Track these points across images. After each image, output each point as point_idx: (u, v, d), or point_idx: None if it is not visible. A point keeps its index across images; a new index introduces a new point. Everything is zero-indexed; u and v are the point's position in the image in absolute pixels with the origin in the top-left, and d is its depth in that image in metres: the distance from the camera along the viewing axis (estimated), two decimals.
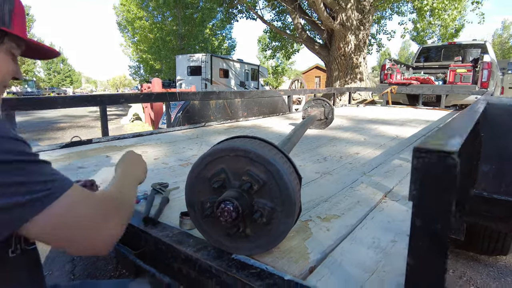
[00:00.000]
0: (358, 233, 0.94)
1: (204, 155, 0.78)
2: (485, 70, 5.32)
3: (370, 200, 1.18)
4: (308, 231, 0.94)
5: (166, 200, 1.14)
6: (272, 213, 0.74)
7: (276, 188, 0.73)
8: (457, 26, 15.13)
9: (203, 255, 0.80)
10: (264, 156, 0.73)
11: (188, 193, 0.81)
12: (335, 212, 1.07)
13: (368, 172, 1.54)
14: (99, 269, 1.63)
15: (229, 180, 0.77)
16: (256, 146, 0.76)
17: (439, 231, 0.47)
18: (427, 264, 0.49)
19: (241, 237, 0.78)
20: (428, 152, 0.46)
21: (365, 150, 2.05)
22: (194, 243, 0.86)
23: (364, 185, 1.35)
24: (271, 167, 0.73)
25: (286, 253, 0.82)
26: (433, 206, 0.47)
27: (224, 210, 0.71)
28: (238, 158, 0.76)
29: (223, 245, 0.81)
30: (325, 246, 0.86)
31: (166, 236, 0.90)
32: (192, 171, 0.80)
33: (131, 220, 1.01)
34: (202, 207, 0.80)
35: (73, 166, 1.65)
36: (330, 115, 2.77)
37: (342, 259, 0.81)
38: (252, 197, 0.75)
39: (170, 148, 2.08)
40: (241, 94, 3.33)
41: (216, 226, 0.80)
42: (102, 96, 2.20)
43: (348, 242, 0.89)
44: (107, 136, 2.27)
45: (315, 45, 10.02)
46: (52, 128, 7.42)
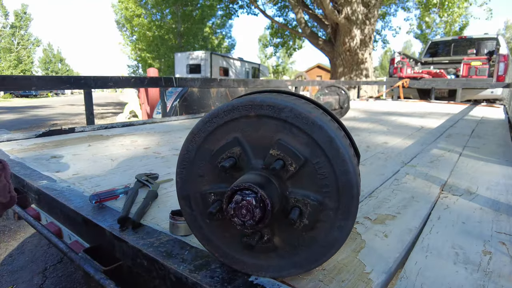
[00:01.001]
0: (430, 240, 0.65)
1: (207, 116, 0.49)
2: (501, 63, 5.02)
3: (426, 195, 0.89)
4: (358, 239, 0.64)
5: (154, 195, 0.84)
6: (319, 211, 0.45)
7: (328, 169, 0.44)
8: (463, 23, 14.83)
9: (204, 277, 0.51)
10: (308, 115, 0.44)
11: (180, 179, 0.52)
12: (387, 211, 0.78)
13: (408, 163, 1.25)
14: (75, 282, 1.33)
15: (247, 157, 0.47)
16: (291, 101, 0.46)
17: None
18: None
19: (266, 250, 0.49)
20: None
21: (393, 139, 1.75)
22: (191, 257, 0.57)
23: (410, 177, 1.06)
24: (319, 133, 0.44)
25: (333, 273, 0.53)
26: None
27: (240, 205, 0.42)
28: (262, 120, 0.46)
29: (236, 262, 0.51)
30: (389, 261, 0.56)
31: (150, 245, 0.61)
32: (187, 144, 0.51)
33: (101, 222, 0.73)
34: (204, 200, 0.50)
35: (46, 155, 1.35)
36: (345, 104, 2.48)
37: (422, 282, 0.51)
38: (286, 184, 0.46)
39: (164, 138, 1.78)
40: (245, 82, 3.03)
41: (225, 231, 0.51)
42: (86, 78, 1.90)
43: (421, 255, 0.60)
44: (93, 125, 1.98)
45: (318, 40, 9.73)
46: (45, 126, 7.12)
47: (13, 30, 29.26)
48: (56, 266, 1.46)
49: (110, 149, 1.47)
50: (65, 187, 0.94)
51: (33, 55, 31.67)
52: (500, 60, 5.05)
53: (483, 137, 1.90)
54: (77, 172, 1.11)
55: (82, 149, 1.48)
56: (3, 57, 28.83)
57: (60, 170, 1.14)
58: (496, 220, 0.75)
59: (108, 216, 0.74)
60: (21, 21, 29.67)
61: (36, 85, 1.71)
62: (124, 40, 22.80)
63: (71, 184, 0.98)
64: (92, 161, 1.27)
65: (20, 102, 13.94)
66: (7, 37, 29.03)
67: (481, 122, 2.63)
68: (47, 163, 1.24)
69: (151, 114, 5.38)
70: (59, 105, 13.36)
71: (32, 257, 1.51)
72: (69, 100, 15.67)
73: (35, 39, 31.25)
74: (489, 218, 0.76)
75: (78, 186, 0.96)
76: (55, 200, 0.86)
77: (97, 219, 0.73)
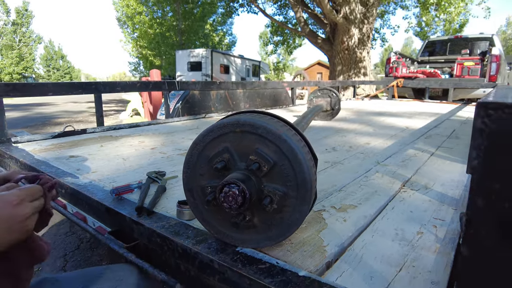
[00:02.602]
0: (379, 224, 0.84)
1: (205, 131, 0.67)
2: (493, 63, 5.18)
3: (388, 190, 1.07)
4: (322, 222, 0.83)
5: (163, 189, 1.03)
6: (284, 199, 0.63)
7: (290, 169, 0.62)
8: (462, 21, 14.91)
9: (203, 248, 0.69)
10: (276, 131, 0.62)
11: (186, 177, 0.70)
12: (351, 202, 0.96)
13: (382, 162, 1.43)
14: (93, 264, 1.52)
15: (234, 161, 0.66)
16: (265, 121, 0.65)
17: (509, 212, 0.36)
18: (490, 256, 0.38)
19: (248, 227, 0.68)
20: (499, 107, 0.35)
21: (375, 140, 1.93)
22: (194, 234, 0.76)
23: (379, 175, 1.24)
24: (284, 144, 0.62)
25: (299, 246, 0.71)
26: (502, 179, 0.36)
27: (228, 195, 0.60)
28: (245, 134, 0.65)
29: (227, 237, 0.70)
30: (343, 238, 0.75)
31: (162, 227, 0.79)
32: (190, 151, 0.69)
33: (121, 210, 0.91)
34: (203, 192, 0.69)
35: (64, 155, 1.54)
36: (336, 106, 2.65)
37: (363, 252, 0.70)
38: (261, 180, 0.64)
39: (169, 138, 1.97)
40: (243, 85, 3.21)
41: (219, 214, 0.69)
42: (97, 84, 2.09)
43: (369, 234, 0.78)
44: (102, 126, 2.16)
45: (317, 39, 9.87)
46: (50, 123, 7.31)
47: (14, 27, 29.38)
48: (75, 252, 1.66)
49: (120, 149, 1.66)
50: (87, 183, 1.13)
51: (35, 52, 31.80)
52: (492, 60, 5.20)
53: (460, 138, 2.07)
54: (95, 170, 1.30)
55: (96, 149, 1.67)
56: (5, 55, 28.98)
57: (80, 169, 1.33)
58: (438, 209, 0.93)
59: (126, 206, 0.93)
60: (23, 18, 29.78)
61: (52, 91, 1.89)
62: (125, 37, 22.90)
63: (92, 180, 1.17)
64: (106, 160, 1.46)
65: (23, 100, 14.15)
66: (8, 34, 29.16)
67: (465, 123, 2.80)
68: (67, 162, 1.43)
69: (154, 113, 5.56)
70: (62, 102, 13.55)
71: (53, 244, 1.71)
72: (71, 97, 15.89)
73: (37, 36, 31.36)
74: (432, 208, 0.94)
75: (98, 182, 1.15)
76: (81, 194, 1.04)
77: (118, 208, 0.92)
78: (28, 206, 0.49)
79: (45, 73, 36.09)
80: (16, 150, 1.61)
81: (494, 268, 0.38)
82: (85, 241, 1.80)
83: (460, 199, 1.01)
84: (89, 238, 1.89)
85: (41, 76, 35.34)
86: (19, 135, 1.86)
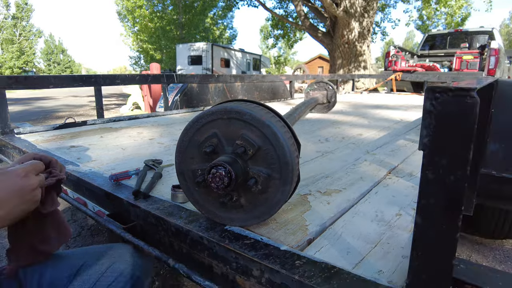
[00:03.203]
0: (361, 207, 0.89)
1: (195, 118, 0.72)
2: (492, 57, 5.18)
3: (373, 176, 1.12)
4: (307, 205, 0.88)
5: (159, 175, 1.08)
6: (268, 181, 0.68)
7: (273, 153, 0.67)
8: (463, 14, 14.80)
9: (194, 226, 0.75)
10: (260, 118, 0.67)
11: (178, 161, 0.76)
12: (337, 187, 1.02)
13: (372, 151, 1.48)
14: None
15: (221, 145, 0.71)
16: (251, 108, 0.69)
17: (454, 184, 0.41)
18: (438, 223, 0.44)
19: (235, 207, 0.73)
20: (444, 91, 0.39)
21: (368, 131, 1.98)
22: (186, 215, 0.81)
23: (367, 163, 1.29)
24: (267, 130, 0.67)
25: (283, 225, 0.77)
26: (448, 154, 0.41)
27: (215, 176, 0.65)
28: (231, 121, 0.70)
29: (216, 216, 0.75)
30: (325, 218, 0.80)
31: (157, 209, 0.85)
32: (182, 136, 0.74)
33: (119, 194, 0.97)
34: (193, 174, 0.74)
35: (65, 145, 1.60)
36: (333, 99, 2.69)
37: (343, 231, 0.75)
38: (247, 163, 0.69)
39: (167, 130, 2.02)
40: (241, 78, 3.25)
41: (208, 195, 0.74)
42: (96, 77, 2.13)
43: (350, 215, 0.84)
44: (102, 118, 2.22)
45: (318, 32, 9.85)
46: (51, 117, 7.37)
47: (14, 21, 29.30)
48: (76, 239, 1.73)
49: (120, 140, 1.71)
50: (87, 170, 1.19)
51: (35, 47, 31.74)
52: (491, 54, 5.21)
53: None
54: (95, 159, 1.36)
55: (96, 140, 1.72)
56: (5, 49, 28.95)
57: (80, 157, 1.38)
58: None
59: (124, 190, 0.98)
60: (23, 12, 29.68)
61: (53, 84, 1.94)
62: (125, 31, 22.82)
63: (91, 168, 1.23)
64: (106, 150, 1.51)
65: (24, 93, 14.20)
66: (8, 28, 29.10)
67: None
68: (68, 151, 1.49)
69: (154, 106, 5.61)
70: (63, 96, 13.59)
71: None
72: (71, 90, 15.90)
73: (37, 30, 31.28)
74: (414, 193, 0.99)
75: (98, 169, 1.21)
76: (82, 180, 1.10)
77: (116, 192, 0.97)
78: (33, 178, 0.57)
79: (46, 67, 36.06)
80: (19, 141, 1.67)
81: (439, 234, 0.43)
82: (86, 228, 1.87)
83: None
84: (90, 226, 1.95)
85: (41, 70, 35.32)
86: (21, 127, 1.92)
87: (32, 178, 0.56)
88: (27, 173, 0.56)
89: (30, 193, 0.55)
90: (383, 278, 0.58)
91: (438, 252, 0.44)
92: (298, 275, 0.57)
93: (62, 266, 0.75)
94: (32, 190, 0.56)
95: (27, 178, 0.55)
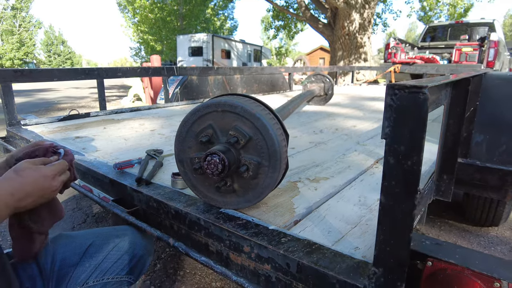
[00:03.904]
0: (346, 192, 0.96)
1: (192, 111, 0.79)
2: (491, 49, 5.19)
3: (361, 166, 1.20)
4: (296, 190, 0.96)
5: (160, 164, 1.16)
6: (258, 168, 0.76)
7: (263, 142, 0.74)
8: (466, 5, 14.64)
9: (192, 209, 0.83)
10: (251, 111, 0.74)
11: (177, 149, 0.83)
12: (325, 175, 1.09)
13: (362, 142, 1.55)
14: None
15: (216, 136, 0.78)
16: (243, 102, 0.76)
17: (410, 168, 0.49)
18: (397, 201, 0.51)
19: (229, 191, 0.80)
20: (402, 88, 0.46)
21: (362, 123, 2.04)
22: (185, 200, 0.89)
23: (357, 153, 1.36)
24: (258, 121, 0.74)
25: (272, 208, 0.84)
26: (405, 142, 0.48)
27: (210, 163, 0.72)
28: (225, 113, 0.77)
29: (212, 200, 0.83)
30: (311, 202, 0.88)
31: (158, 194, 0.93)
32: (180, 128, 0.81)
33: (123, 181, 1.04)
34: (191, 162, 0.81)
35: (70, 136, 1.67)
36: (330, 91, 2.75)
37: (327, 214, 0.83)
38: (239, 152, 0.77)
39: (167, 121, 2.09)
40: (240, 70, 3.30)
41: (205, 181, 0.82)
42: (99, 69, 2.19)
43: (335, 200, 0.91)
44: (105, 110, 2.28)
45: (318, 24, 9.80)
46: (53, 109, 7.44)
47: (14, 12, 29.09)
48: (81, 225, 1.82)
49: (122, 131, 1.79)
50: (93, 160, 1.26)
51: (35, 38, 31.58)
52: (490, 46, 5.21)
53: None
54: (99, 149, 1.43)
55: (99, 131, 1.79)
56: (5, 40, 28.83)
57: (85, 148, 1.46)
58: None
59: (128, 177, 1.06)
60: (22, 3, 29.43)
61: (57, 76, 2.00)
62: (126, 22, 22.65)
63: (96, 157, 1.30)
64: (109, 140, 1.59)
65: (26, 85, 14.23)
66: (8, 19, 28.90)
67: None
68: (73, 142, 1.56)
69: (155, 98, 5.66)
70: (64, 88, 13.63)
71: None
72: (72, 83, 15.93)
73: (37, 21, 31.07)
74: None
75: (102, 159, 1.28)
76: (88, 169, 1.18)
77: (120, 179, 1.05)
78: (59, 180, 0.66)
79: (46, 58, 35.94)
80: (26, 132, 1.74)
81: (399, 211, 0.50)
82: (91, 215, 1.96)
83: (425, 174, 1.13)
84: (94, 213, 2.04)
85: (42, 61, 35.22)
86: (27, 118, 1.99)
87: (57, 180, 0.65)
88: (55, 176, 0.64)
89: (51, 193, 0.64)
90: (358, 253, 0.66)
91: (398, 227, 0.52)
92: (283, 250, 0.65)
93: (72, 245, 0.84)
94: (53, 191, 0.65)
95: (54, 180, 0.64)
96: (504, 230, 1.85)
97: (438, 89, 0.81)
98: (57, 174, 0.65)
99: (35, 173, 0.61)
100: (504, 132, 1.23)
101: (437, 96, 0.81)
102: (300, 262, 0.62)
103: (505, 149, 1.23)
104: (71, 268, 0.80)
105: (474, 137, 1.26)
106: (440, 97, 0.86)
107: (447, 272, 0.59)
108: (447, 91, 0.94)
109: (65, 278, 0.78)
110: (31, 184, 0.60)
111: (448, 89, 0.96)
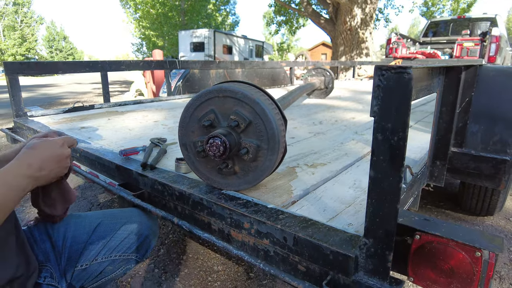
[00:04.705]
0: (342, 177, 1.01)
1: (195, 97, 0.84)
2: (493, 44, 5.19)
3: (358, 153, 1.24)
4: (294, 175, 1.00)
5: (164, 151, 1.21)
6: (258, 150, 0.80)
7: (262, 126, 0.79)
8: (469, 1, 14.52)
9: (195, 191, 0.87)
10: (251, 96, 0.78)
11: (180, 134, 0.87)
12: (323, 161, 1.13)
13: (360, 132, 1.59)
14: None
15: (218, 120, 0.82)
16: (243, 88, 0.80)
17: (397, 144, 0.53)
18: (385, 175, 0.55)
19: (230, 173, 0.85)
20: (388, 69, 0.50)
21: (361, 115, 2.08)
22: (188, 183, 0.93)
23: (354, 142, 1.40)
24: (257, 106, 0.78)
25: (271, 190, 0.89)
26: (392, 119, 0.52)
27: (212, 145, 0.77)
28: (226, 98, 0.81)
29: (214, 182, 0.87)
30: (308, 185, 0.92)
31: (163, 177, 0.97)
32: (184, 113, 0.86)
33: (129, 166, 1.09)
34: (194, 145, 0.86)
35: (76, 126, 1.72)
36: (330, 84, 2.78)
37: (323, 195, 0.87)
38: (239, 135, 0.81)
39: (170, 113, 2.13)
40: (242, 64, 3.34)
41: (207, 164, 0.86)
42: (103, 62, 2.24)
43: (331, 183, 0.95)
44: (109, 102, 2.33)
45: (320, 19, 9.78)
46: (56, 103, 7.50)
47: (15, 7, 29.10)
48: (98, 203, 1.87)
49: (126, 122, 1.83)
50: (99, 147, 1.31)
51: (37, 33, 31.60)
52: (492, 41, 5.21)
53: None
54: (104, 138, 1.48)
55: (104, 122, 1.84)
56: (7, 36, 28.87)
57: (91, 137, 1.50)
58: None
59: (133, 163, 1.11)
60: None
61: (62, 69, 2.05)
62: (127, 17, 22.62)
63: (102, 145, 1.35)
64: (114, 130, 1.63)
65: (29, 81, 14.31)
66: (10, 15, 28.93)
67: None
68: (79, 132, 1.61)
69: (157, 92, 5.70)
70: (66, 83, 13.69)
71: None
72: (74, 78, 16.02)
73: (38, 17, 31.07)
74: None
75: (108, 147, 1.33)
76: (95, 156, 1.22)
77: (126, 165, 1.09)
78: (67, 149, 0.71)
79: (48, 54, 35.98)
80: (33, 123, 1.79)
81: (387, 184, 0.55)
82: (96, 204, 2.01)
83: (419, 161, 1.18)
84: (99, 203, 2.10)
85: (44, 57, 35.27)
86: (33, 110, 2.04)
87: (66, 148, 0.71)
88: (63, 144, 0.70)
89: (65, 160, 0.69)
90: (351, 229, 0.70)
91: (386, 199, 0.56)
92: (280, 225, 0.69)
93: (82, 223, 0.89)
94: (66, 157, 0.70)
95: (64, 148, 0.70)
96: (499, 220, 1.89)
97: (429, 76, 0.85)
98: (65, 143, 0.71)
99: (45, 143, 0.67)
100: (498, 122, 1.26)
101: (428, 82, 0.85)
102: (297, 236, 0.66)
103: (499, 139, 1.26)
104: (81, 245, 0.84)
105: (469, 127, 1.29)
106: (432, 84, 0.90)
107: (434, 244, 0.63)
108: (439, 78, 0.98)
109: (76, 254, 0.83)
110: (44, 152, 0.65)
111: (441, 76, 1.00)
